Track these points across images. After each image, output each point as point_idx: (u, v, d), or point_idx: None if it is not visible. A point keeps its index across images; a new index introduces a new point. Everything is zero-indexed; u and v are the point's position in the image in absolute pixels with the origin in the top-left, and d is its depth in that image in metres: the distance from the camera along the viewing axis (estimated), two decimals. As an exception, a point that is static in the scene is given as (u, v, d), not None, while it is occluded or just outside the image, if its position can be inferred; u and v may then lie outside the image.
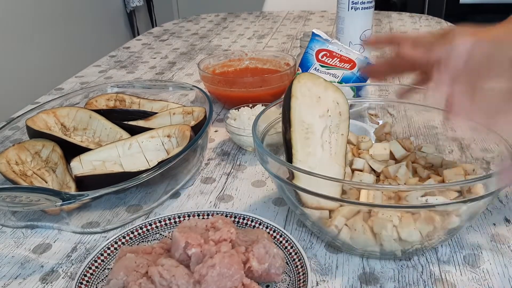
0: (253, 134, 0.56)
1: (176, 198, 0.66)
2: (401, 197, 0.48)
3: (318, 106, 0.56)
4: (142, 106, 0.83)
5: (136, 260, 0.46)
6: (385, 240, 0.49)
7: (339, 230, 0.51)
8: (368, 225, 0.49)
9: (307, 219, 0.54)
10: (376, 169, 0.58)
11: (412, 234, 0.48)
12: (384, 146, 0.61)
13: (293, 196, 0.53)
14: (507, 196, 0.63)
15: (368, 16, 0.91)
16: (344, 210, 0.51)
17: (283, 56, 0.99)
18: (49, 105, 0.79)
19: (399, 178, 0.56)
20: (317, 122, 0.55)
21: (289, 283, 0.47)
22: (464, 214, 0.49)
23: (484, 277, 0.50)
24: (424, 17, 1.62)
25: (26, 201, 0.52)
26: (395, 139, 0.62)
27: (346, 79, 0.79)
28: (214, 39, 1.46)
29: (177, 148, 0.68)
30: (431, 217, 0.48)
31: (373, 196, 0.49)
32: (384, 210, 0.48)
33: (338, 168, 0.55)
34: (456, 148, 0.64)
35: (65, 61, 2.07)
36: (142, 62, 1.26)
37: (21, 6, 1.82)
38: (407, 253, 0.52)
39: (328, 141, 0.55)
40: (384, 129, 0.65)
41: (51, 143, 0.69)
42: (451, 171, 0.55)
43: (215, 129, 0.86)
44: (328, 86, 0.57)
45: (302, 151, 0.53)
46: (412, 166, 0.58)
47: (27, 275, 0.53)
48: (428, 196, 0.48)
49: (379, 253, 0.52)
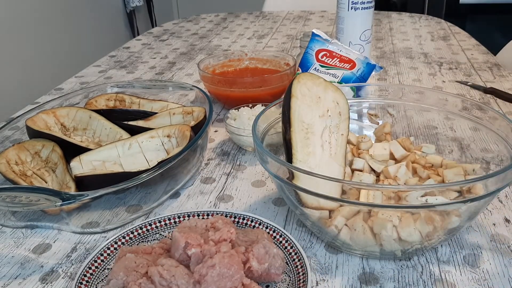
0: (253, 134, 0.56)
1: (176, 198, 0.66)
2: (401, 197, 0.48)
3: (318, 106, 0.56)
4: (142, 106, 0.83)
5: (136, 260, 0.46)
6: (385, 240, 0.49)
7: (339, 230, 0.51)
8: (368, 225, 0.49)
9: (307, 219, 0.54)
10: (376, 169, 0.58)
11: (412, 234, 0.48)
12: (384, 146, 0.61)
13: (293, 196, 0.53)
14: (507, 196, 0.63)
15: (368, 16, 0.91)
16: (344, 210, 0.51)
17: (283, 56, 0.99)
18: (49, 105, 0.79)
19: (399, 178, 0.56)
20: (317, 122, 0.55)
21: (289, 283, 0.47)
22: (464, 214, 0.49)
23: (484, 277, 0.50)
24: (424, 17, 1.62)
25: (26, 201, 0.52)
26: (395, 139, 0.62)
27: (346, 79, 0.79)
28: (214, 39, 1.46)
29: (177, 148, 0.68)
30: (431, 217, 0.48)
31: (373, 196, 0.49)
32: (384, 210, 0.48)
33: (338, 168, 0.55)
34: (456, 148, 0.64)
35: (65, 61, 2.07)
36: (142, 62, 1.26)
37: (21, 6, 1.82)
38: (407, 253, 0.52)
39: (328, 141, 0.55)
40: (384, 129, 0.65)
41: (51, 143, 0.69)
42: (451, 171, 0.55)
43: (215, 129, 0.86)
44: (328, 86, 0.57)
45: (302, 151, 0.53)
46: (412, 166, 0.58)
47: (27, 275, 0.53)
48: (428, 196, 0.48)
49: (379, 253, 0.52)
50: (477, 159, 0.60)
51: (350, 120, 0.59)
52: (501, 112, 0.87)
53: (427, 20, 1.58)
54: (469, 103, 0.62)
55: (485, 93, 0.95)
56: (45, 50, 1.97)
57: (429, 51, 1.24)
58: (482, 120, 0.60)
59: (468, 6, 2.63)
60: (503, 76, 1.05)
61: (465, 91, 0.97)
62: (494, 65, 1.12)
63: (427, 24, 1.53)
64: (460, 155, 0.64)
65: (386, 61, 1.18)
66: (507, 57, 1.23)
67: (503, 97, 0.91)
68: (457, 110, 0.63)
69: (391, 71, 1.10)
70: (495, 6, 2.60)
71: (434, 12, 2.58)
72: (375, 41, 1.35)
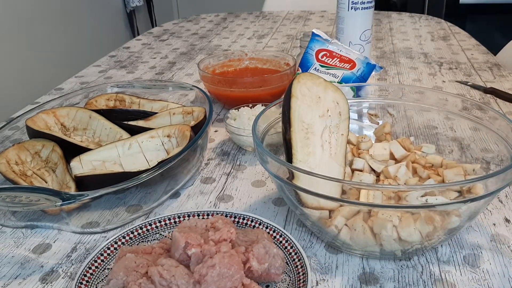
0: (253, 134, 0.56)
1: (176, 198, 0.66)
2: (401, 197, 0.48)
3: (318, 106, 0.56)
4: (142, 106, 0.83)
5: (136, 260, 0.46)
6: (385, 240, 0.49)
7: (339, 230, 0.51)
8: (368, 225, 0.49)
9: (307, 219, 0.54)
10: (376, 169, 0.58)
11: (412, 234, 0.48)
12: (384, 146, 0.61)
13: (293, 196, 0.53)
14: (507, 196, 0.63)
15: (368, 16, 0.91)
16: (344, 210, 0.51)
17: (283, 56, 0.99)
18: (49, 105, 0.79)
19: (399, 178, 0.56)
20: (317, 122, 0.55)
21: (289, 283, 0.47)
22: (464, 214, 0.49)
23: (484, 277, 0.50)
24: (424, 17, 1.62)
25: (26, 201, 0.52)
26: (395, 139, 0.62)
27: (346, 79, 0.79)
28: (214, 39, 1.46)
29: (177, 148, 0.68)
30: (431, 217, 0.48)
31: (373, 196, 0.49)
32: (384, 210, 0.48)
33: (338, 168, 0.55)
34: (456, 148, 0.64)
35: (65, 61, 2.07)
36: (142, 62, 1.26)
37: (21, 6, 1.82)
38: (407, 253, 0.52)
39: (328, 141, 0.55)
40: (384, 129, 0.65)
41: (51, 143, 0.69)
42: (451, 171, 0.55)
43: (215, 129, 0.86)
44: (328, 86, 0.57)
45: (302, 151, 0.53)
46: (412, 166, 0.58)
47: (27, 275, 0.53)
48: (428, 196, 0.48)
49: (379, 253, 0.52)
50: (477, 159, 0.60)
51: (350, 120, 0.59)
52: (501, 112, 0.87)
53: (427, 20, 1.58)
54: (469, 103, 0.62)
55: (485, 93, 0.95)
56: (45, 50, 1.97)
57: (429, 51, 1.24)
58: (482, 120, 0.60)
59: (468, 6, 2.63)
60: (503, 76, 1.05)
61: (465, 91, 0.97)
62: (494, 65, 1.12)
63: (427, 24, 1.53)
64: (460, 155, 0.64)
65: (386, 61, 1.18)
66: (507, 57, 1.23)
67: (503, 97, 0.91)
68: (457, 110, 0.63)
69: (391, 71, 1.10)
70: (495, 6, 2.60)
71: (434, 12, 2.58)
72: (375, 41, 1.35)
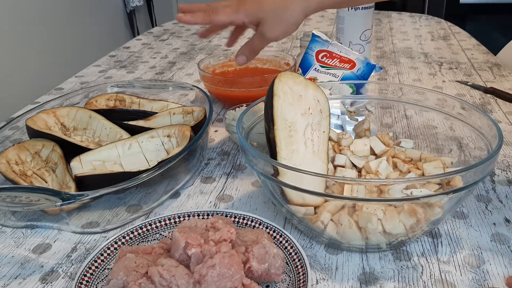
0: (238, 133, 0.56)
1: (176, 198, 0.66)
2: (383, 190, 0.49)
3: (300, 104, 0.57)
4: (142, 106, 0.83)
5: (136, 260, 0.46)
6: (371, 233, 0.49)
7: (325, 226, 0.51)
8: (354, 220, 0.50)
9: (293, 216, 0.54)
10: (357, 164, 0.59)
11: (397, 227, 0.49)
12: (364, 142, 0.62)
13: (278, 194, 0.54)
14: (507, 196, 0.63)
15: (368, 16, 0.91)
16: (329, 205, 0.51)
17: (283, 56, 0.99)
18: (49, 105, 0.79)
19: (380, 173, 0.57)
20: (299, 120, 0.56)
21: (289, 283, 0.47)
22: (446, 205, 0.50)
23: (484, 277, 0.50)
24: (424, 17, 1.62)
25: (26, 201, 0.52)
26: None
27: (346, 79, 0.79)
28: (214, 39, 1.46)
29: (177, 148, 0.68)
30: (414, 209, 0.49)
31: (356, 191, 0.50)
32: (368, 204, 0.49)
33: (321, 164, 0.56)
34: (455, 147, 0.64)
35: (65, 61, 2.06)
36: (142, 62, 1.26)
37: (21, 6, 1.82)
38: (392, 245, 0.52)
39: (311, 138, 0.56)
40: (364, 125, 0.65)
41: (51, 143, 0.69)
42: (430, 165, 0.57)
43: (215, 129, 0.86)
44: (308, 84, 0.58)
45: (286, 148, 0.54)
46: (392, 160, 0.59)
47: (27, 275, 0.53)
48: (411, 189, 0.48)
49: (365, 247, 0.52)
50: (475, 157, 0.60)
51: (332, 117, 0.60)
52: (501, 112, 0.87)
53: (427, 20, 1.58)
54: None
55: (485, 93, 0.95)
56: (45, 50, 1.97)
57: (429, 51, 1.24)
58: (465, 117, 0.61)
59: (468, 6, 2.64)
60: (503, 76, 1.05)
61: (465, 91, 0.97)
62: (494, 65, 1.12)
63: (427, 24, 1.53)
64: (459, 154, 0.64)
65: (386, 61, 1.18)
66: (507, 57, 1.23)
67: (503, 97, 0.91)
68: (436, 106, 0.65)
69: (391, 71, 1.10)
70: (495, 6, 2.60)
71: (434, 11, 2.58)
72: (375, 41, 1.35)
